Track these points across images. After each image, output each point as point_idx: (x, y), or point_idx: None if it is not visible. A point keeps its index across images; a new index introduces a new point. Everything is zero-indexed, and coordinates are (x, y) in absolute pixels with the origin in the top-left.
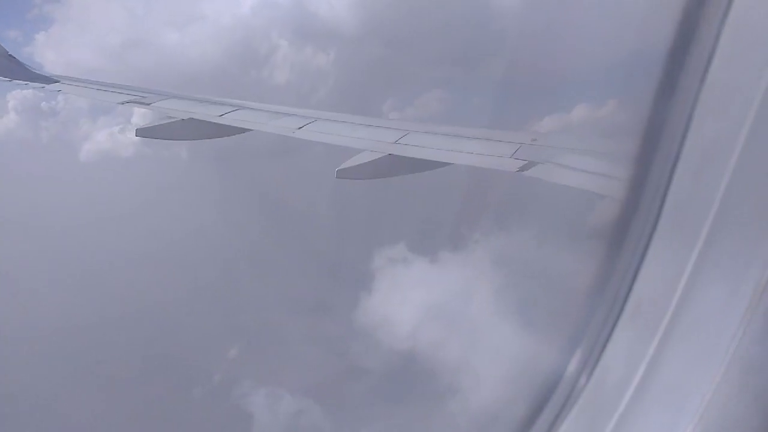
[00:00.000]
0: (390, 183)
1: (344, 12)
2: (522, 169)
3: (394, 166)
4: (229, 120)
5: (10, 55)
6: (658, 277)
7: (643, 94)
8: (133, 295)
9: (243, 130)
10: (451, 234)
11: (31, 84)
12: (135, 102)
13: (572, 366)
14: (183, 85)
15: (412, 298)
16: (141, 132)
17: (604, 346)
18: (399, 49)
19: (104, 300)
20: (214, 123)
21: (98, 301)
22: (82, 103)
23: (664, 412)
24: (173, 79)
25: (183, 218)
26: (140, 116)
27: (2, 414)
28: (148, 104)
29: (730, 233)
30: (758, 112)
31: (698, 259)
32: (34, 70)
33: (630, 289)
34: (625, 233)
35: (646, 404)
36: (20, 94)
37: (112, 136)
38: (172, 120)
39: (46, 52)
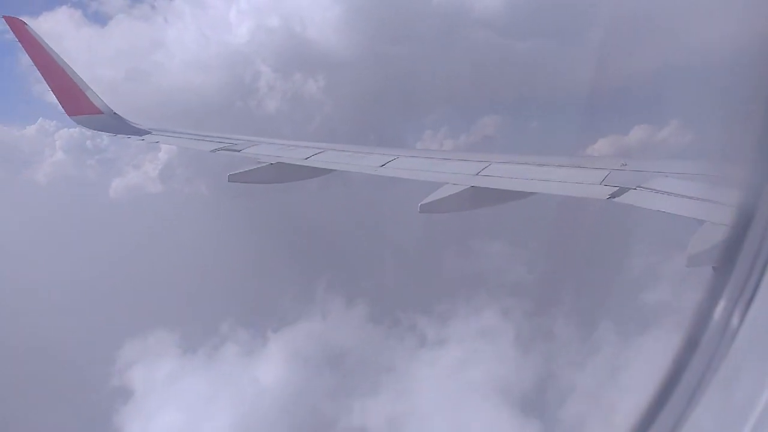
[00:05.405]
0: (474, 216)
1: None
2: (613, 195)
3: (477, 198)
4: (314, 162)
5: (115, 113)
6: None
7: (737, 102)
8: None
9: (327, 171)
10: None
11: (133, 137)
12: (226, 149)
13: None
14: (176, 118)
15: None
16: (233, 177)
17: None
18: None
19: None
20: (301, 165)
21: None
22: (128, 141)
23: None
24: (167, 112)
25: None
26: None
27: None
28: (239, 150)
29: None
30: None
31: None
32: (133, 125)
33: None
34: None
35: None
36: (66, 133)
37: (146, 174)
38: (261, 165)
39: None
